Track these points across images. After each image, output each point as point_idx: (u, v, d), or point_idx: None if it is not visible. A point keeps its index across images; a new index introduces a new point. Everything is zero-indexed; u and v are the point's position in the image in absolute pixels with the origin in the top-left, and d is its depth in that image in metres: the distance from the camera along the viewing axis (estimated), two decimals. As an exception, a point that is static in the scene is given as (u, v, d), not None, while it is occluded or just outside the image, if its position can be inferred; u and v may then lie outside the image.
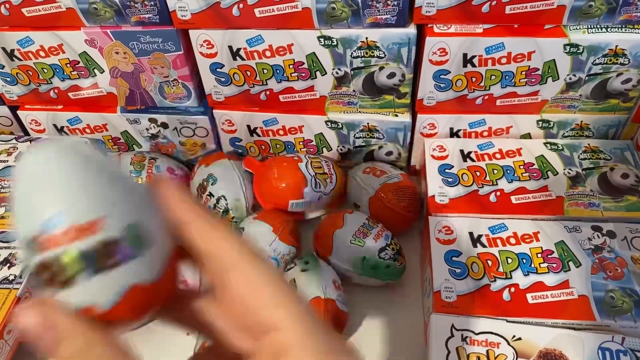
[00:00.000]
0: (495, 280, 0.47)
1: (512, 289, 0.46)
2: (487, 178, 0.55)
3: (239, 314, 0.22)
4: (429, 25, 0.52)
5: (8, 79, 0.60)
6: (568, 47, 0.51)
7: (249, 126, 0.62)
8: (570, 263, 0.48)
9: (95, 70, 0.58)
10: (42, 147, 0.20)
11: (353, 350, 0.22)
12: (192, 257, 0.23)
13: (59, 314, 0.20)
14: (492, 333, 0.44)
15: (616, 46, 0.51)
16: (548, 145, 0.58)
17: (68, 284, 0.20)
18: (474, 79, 0.54)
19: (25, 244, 0.20)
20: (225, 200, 0.58)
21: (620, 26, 0.51)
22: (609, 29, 0.51)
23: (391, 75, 0.55)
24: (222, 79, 0.57)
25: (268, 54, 0.54)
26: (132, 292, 0.20)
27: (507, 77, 0.54)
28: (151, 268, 0.21)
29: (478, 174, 0.56)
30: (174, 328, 0.25)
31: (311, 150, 0.64)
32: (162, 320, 0.24)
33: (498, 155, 0.58)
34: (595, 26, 0.51)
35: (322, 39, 0.52)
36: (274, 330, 0.21)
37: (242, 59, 0.55)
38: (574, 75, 0.53)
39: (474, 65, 0.53)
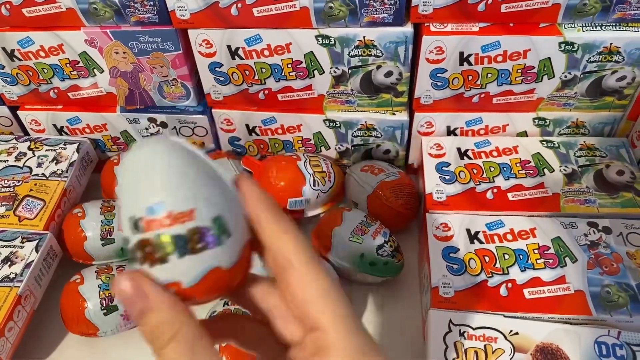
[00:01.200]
0: (492, 276, 0.47)
1: (509, 285, 0.47)
2: (484, 175, 0.56)
3: (291, 307, 0.26)
4: (426, 24, 0.52)
5: (8, 79, 0.61)
6: (563, 45, 0.51)
7: (247, 125, 0.62)
8: (567, 259, 0.48)
9: (95, 70, 0.58)
10: (152, 143, 0.24)
11: (383, 351, 0.25)
12: (261, 249, 0.26)
13: (151, 286, 0.23)
14: (489, 328, 0.44)
15: (611, 44, 0.51)
16: (544, 142, 0.59)
17: (160, 261, 0.23)
18: (470, 77, 0.55)
19: (130, 224, 0.23)
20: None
21: (614, 24, 0.51)
22: (603, 27, 0.51)
23: (388, 74, 0.55)
24: (221, 78, 0.58)
25: (266, 53, 0.54)
26: (212, 273, 0.23)
27: (503, 75, 0.54)
28: (230, 254, 0.24)
29: (475, 171, 0.56)
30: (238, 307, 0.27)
31: (309, 148, 0.64)
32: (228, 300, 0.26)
33: (495, 153, 0.58)
34: (589, 24, 0.51)
35: (319, 38, 0.53)
36: (319, 329, 0.24)
37: (241, 58, 0.55)
38: (570, 73, 0.54)
39: (470, 64, 0.53)
